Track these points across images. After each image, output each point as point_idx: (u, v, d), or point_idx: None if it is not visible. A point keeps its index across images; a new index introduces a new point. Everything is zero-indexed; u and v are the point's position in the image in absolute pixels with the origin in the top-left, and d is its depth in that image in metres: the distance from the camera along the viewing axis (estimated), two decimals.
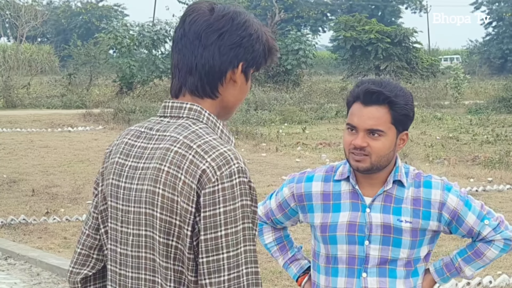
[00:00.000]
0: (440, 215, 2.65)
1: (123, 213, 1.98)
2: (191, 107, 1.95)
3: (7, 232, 8.78)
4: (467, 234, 2.70)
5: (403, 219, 2.63)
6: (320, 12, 61.53)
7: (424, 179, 2.69)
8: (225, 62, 1.94)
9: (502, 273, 7.01)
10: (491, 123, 21.73)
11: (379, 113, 2.58)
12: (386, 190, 2.65)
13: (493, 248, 2.72)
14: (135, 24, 32.07)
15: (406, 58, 36.46)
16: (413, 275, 2.68)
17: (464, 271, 2.77)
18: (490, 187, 11.38)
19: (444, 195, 2.66)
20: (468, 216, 2.67)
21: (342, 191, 2.68)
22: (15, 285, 7.10)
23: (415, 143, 17.31)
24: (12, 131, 18.99)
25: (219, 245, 1.82)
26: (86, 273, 2.13)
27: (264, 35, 1.99)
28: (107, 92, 30.10)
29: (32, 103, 26.11)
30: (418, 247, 2.66)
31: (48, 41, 58.01)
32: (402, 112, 2.60)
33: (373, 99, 2.58)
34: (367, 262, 2.63)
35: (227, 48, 1.93)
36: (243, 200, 1.84)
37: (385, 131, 2.58)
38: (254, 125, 20.10)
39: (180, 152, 1.88)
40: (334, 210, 2.67)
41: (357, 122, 2.60)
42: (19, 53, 33.93)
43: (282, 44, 32.38)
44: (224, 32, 1.93)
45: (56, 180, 11.85)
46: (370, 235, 2.63)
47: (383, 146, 2.58)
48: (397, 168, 2.67)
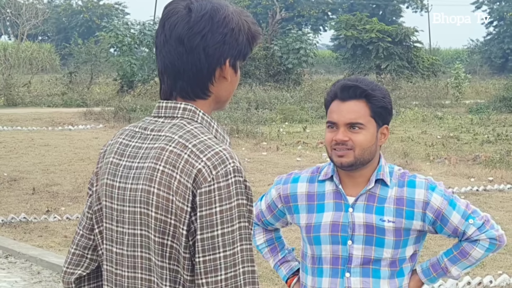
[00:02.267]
0: (424, 214, 2.65)
1: (118, 212, 1.97)
2: (185, 107, 1.95)
3: (8, 231, 8.78)
4: (452, 233, 2.70)
5: (385, 218, 2.63)
6: (321, 11, 61.48)
7: (409, 178, 2.69)
8: (212, 63, 1.93)
9: (502, 272, 7.01)
10: (492, 122, 21.73)
11: (357, 107, 2.62)
12: (369, 189, 2.66)
13: (478, 247, 2.70)
14: (136, 23, 32.05)
15: (407, 57, 36.43)
16: (398, 275, 2.67)
17: (451, 271, 2.76)
18: (491, 186, 11.38)
19: (428, 194, 2.65)
20: (453, 215, 2.66)
21: (326, 191, 2.70)
22: (15, 284, 7.10)
23: (415, 142, 17.31)
24: (13, 130, 18.98)
25: (215, 244, 1.82)
26: (80, 273, 2.13)
27: (245, 24, 1.97)
28: (108, 90, 30.08)
29: (32, 102, 26.10)
30: (403, 247, 2.65)
31: (49, 40, 58.03)
32: (380, 104, 2.62)
33: (350, 94, 2.62)
34: (350, 262, 2.63)
35: (212, 48, 1.93)
36: (239, 199, 1.84)
37: (365, 124, 2.61)
38: (255, 124, 20.09)
39: (175, 151, 1.87)
40: (318, 211, 2.68)
41: (337, 118, 2.64)
42: (20, 52, 33.93)
43: (283, 43, 32.37)
44: (206, 33, 1.92)
45: (57, 179, 11.85)
46: (353, 235, 2.63)
47: (364, 138, 2.61)
48: (380, 167, 2.67)
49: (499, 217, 9.44)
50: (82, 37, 41.60)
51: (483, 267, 7.28)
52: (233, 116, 20.76)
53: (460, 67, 31.79)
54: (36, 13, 36.06)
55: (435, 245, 7.87)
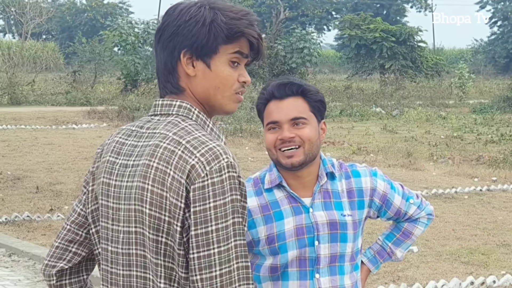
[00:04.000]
0: (371, 201, 2.68)
1: (113, 211, 1.97)
2: (180, 104, 1.96)
3: (11, 229, 8.80)
4: (395, 215, 2.76)
5: (345, 213, 2.62)
6: (325, 11, 61.45)
7: (351, 168, 2.70)
8: (169, 56, 1.95)
9: (506, 273, 7.00)
10: (496, 122, 21.70)
11: (297, 102, 2.58)
12: (322, 185, 2.63)
13: (419, 225, 2.81)
14: (140, 22, 32.08)
15: (411, 57, 36.41)
16: (355, 269, 2.68)
17: (396, 254, 2.85)
18: (494, 186, 11.36)
19: (373, 180, 2.69)
20: (395, 198, 2.72)
21: (278, 198, 2.62)
22: (19, 282, 7.12)
23: (419, 142, 17.30)
24: (17, 128, 19.01)
25: (209, 240, 1.81)
26: (62, 266, 2.11)
27: (216, 16, 1.92)
28: (112, 89, 30.11)
29: (36, 100, 26.13)
30: (356, 239, 2.65)
31: (53, 38, 58.08)
32: (317, 98, 2.60)
33: (287, 92, 2.58)
34: (319, 262, 2.59)
35: (167, 41, 1.95)
36: (233, 194, 1.84)
37: (308, 118, 2.57)
38: (258, 123, 20.08)
39: (169, 148, 1.88)
40: (277, 219, 2.60)
41: (279, 116, 2.56)
42: (24, 50, 33.97)
43: (287, 42, 32.36)
44: (165, 27, 1.96)
45: (60, 177, 11.86)
46: (318, 235, 2.58)
47: (310, 132, 2.56)
48: (324, 161, 2.65)
49: (503, 217, 9.43)
50: (86, 36, 41.64)
51: (486, 267, 7.27)
52: (236, 115, 20.75)
53: (464, 67, 31.76)
54: (40, 12, 36.12)
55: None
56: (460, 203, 10.24)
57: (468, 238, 8.35)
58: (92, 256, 2.14)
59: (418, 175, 12.45)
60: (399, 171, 12.88)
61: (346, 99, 27.89)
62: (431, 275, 6.91)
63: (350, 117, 23.10)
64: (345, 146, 16.43)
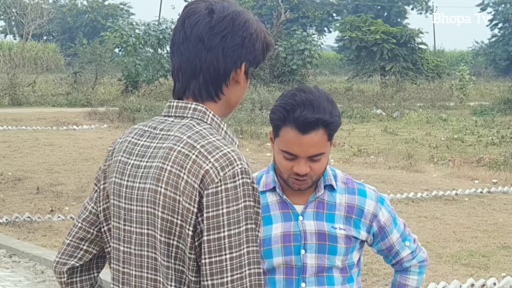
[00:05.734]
0: (370, 226, 2.64)
1: (125, 211, 1.97)
2: (195, 107, 1.95)
3: (12, 230, 8.80)
4: (386, 250, 2.71)
5: (337, 226, 2.58)
6: (326, 12, 61.45)
7: (358, 186, 2.65)
8: (229, 64, 1.95)
9: (506, 275, 7.00)
10: (496, 124, 21.71)
11: (318, 137, 2.48)
12: (318, 196, 2.60)
13: (411, 275, 2.76)
14: (141, 23, 32.05)
15: (411, 59, 36.41)
16: (349, 281, 2.64)
17: None
18: (495, 188, 11.38)
19: (377, 207, 2.64)
20: (393, 233, 2.68)
21: (269, 202, 2.61)
22: (19, 283, 7.12)
23: (420, 144, 17.31)
24: (17, 129, 19.02)
25: (222, 246, 1.81)
26: (73, 263, 2.12)
27: (262, 33, 2.00)
28: (113, 90, 30.11)
29: (37, 101, 26.14)
30: (351, 253, 2.62)
31: (54, 39, 58.07)
32: (337, 127, 2.55)
33: (311, 127, 2.47)
34: (305, 271, 2.56)
35: (230, 49, 1.94)
36: (246, 201, 1.83)
37: (325, 152, 2.53)
38: (259, 125, 20.09)
39: (183, 151, 1.87)
40: (266, 223, 2.57)
41: (298, 151, 2.49)
42: (25, 51, 33.94)
43: (287, 44, 32.36)
44: (227, 34, 1.94)
45: (61, 178, 11.87)
46: (306, 244, 2.56)
47: (323, 165, 2.53)
48: (325, 173, 2.62)
49: (503, 219, 9.43)
50: (87, 37, 41.67)
51: (487, 269, 7.28)
52: (237, 117, 20.77)
53: (464, 69, 31.77)
54: (41, 13, 36.11)
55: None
56: (461, 205, 10.24)
57: (469, 240, 8.35)
58: (103, 253, 2.15)
59: (418, 177, 12.46)
60: (400, 173, 12.88)
61: (347, 101, 27.90)
62: (432, 277, 6.91)
63: (351, 119, 23.10)
64: (346, 148, 16.43)
